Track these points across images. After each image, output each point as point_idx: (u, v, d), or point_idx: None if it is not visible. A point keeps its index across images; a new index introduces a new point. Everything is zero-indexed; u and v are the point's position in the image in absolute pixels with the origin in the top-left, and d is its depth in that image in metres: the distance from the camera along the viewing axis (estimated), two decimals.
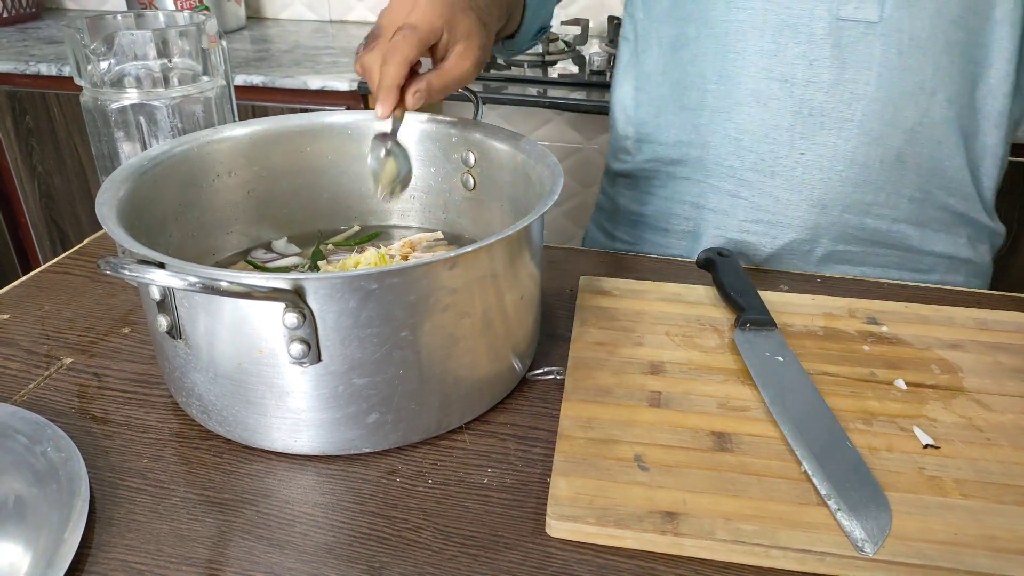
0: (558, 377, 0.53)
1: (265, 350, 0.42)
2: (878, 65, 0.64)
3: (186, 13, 0.67)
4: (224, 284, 0.37)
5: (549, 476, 0.44)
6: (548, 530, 0.41)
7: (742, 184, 0.72)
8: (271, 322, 0.41)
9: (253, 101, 1.42)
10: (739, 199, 0.72)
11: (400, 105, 0.52)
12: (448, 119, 0.63)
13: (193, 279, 0.37)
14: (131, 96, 0.60)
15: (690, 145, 0.74)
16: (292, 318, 0.40)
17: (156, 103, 0.60)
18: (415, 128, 0.63)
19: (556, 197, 0.49)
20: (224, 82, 0.65)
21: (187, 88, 0.62)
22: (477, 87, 1.41)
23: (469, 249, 0.43)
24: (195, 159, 0.57)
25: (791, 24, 0.65)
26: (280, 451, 0.46)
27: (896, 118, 0.66)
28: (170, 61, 0.60)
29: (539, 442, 0.47)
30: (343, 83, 1.38)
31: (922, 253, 0.74)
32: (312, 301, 0.40)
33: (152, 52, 0.59)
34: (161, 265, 0.39)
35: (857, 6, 0.63)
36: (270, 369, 0.42)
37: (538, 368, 0.54)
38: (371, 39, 0.53)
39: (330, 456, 0.46)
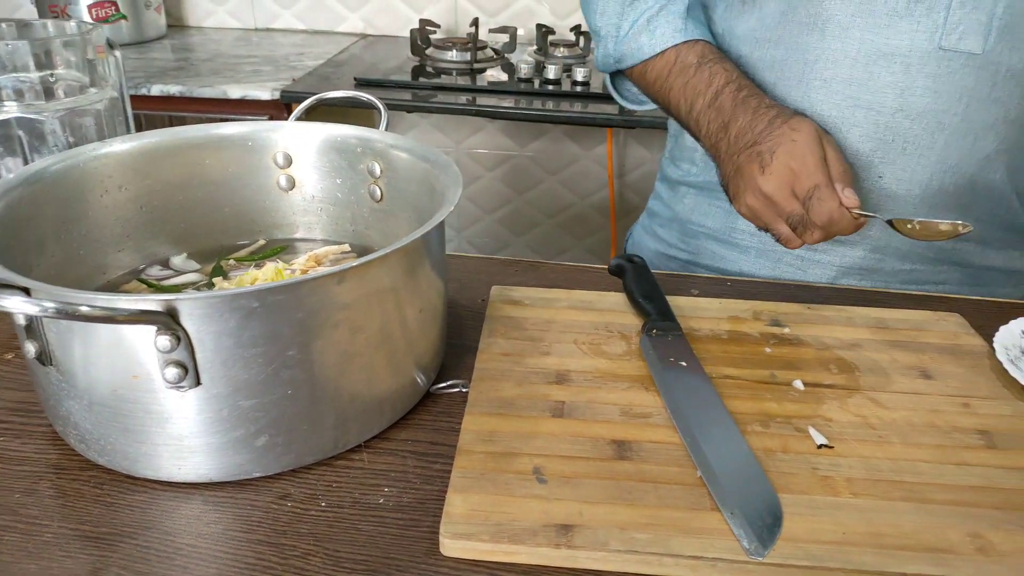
0: (463, 390, 0.52)
1: (140, 375, 0.40)
2: (968, 96, 0.63)
3: (73, 23, 0.64)
4: (84, 309, 0.35)
5: None
6: (442, 549, 0.40)
7: None
8: (144, 346, 0.39)
9: (171, 112, 1.37)
10: None
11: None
12: (351, 128, 0.61)
13: (48, 304, 0.35)
14: (10, 109, 0.56)
15: None
16: (164, 341, 0.38)
17: (38, 116, 0.57)
18: (318, 137, 0.62)
19: (452, 208, 0.48)
20: (115, 93, 0.62)
21: (74, 100, 0.59)
22: (406, 96, 1.39)
23: (357, 263, 0.42)
24: (78, 174, 0.54)
25: (887, 54, 0.64)
26: (165, 480, 0.44)
27: (975, 147, 0.66)
28: (53, 73, 0.58)
29: (440, 458, 0.47)
30: (265, 92, 1.34)
31: (980, 268, 0.74)
32: (187, 322, 0.38)
33: (31, 63, 0.56)
34: (26, 290, 0.37)
35: (960, 37, 0.62)
36: (147, 395, 0.40)
37: (443, 381, 0.53)
38: (798, 226, 0.61)
39: (218, 483, 0.44)
